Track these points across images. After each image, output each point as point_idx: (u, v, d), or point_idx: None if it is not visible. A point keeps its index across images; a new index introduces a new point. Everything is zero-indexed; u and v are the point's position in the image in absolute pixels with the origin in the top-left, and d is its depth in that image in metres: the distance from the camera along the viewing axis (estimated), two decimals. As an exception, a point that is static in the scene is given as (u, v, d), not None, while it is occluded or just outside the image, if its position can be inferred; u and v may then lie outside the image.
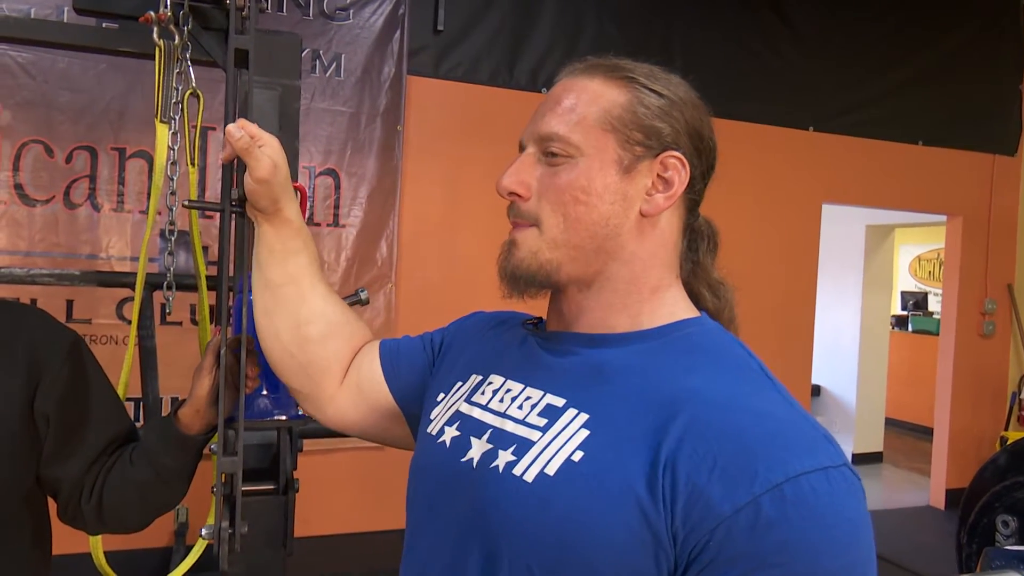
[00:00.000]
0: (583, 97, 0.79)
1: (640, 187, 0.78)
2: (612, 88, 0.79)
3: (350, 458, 3.41)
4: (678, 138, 0.79)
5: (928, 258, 8.74)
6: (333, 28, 3.42)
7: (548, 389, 0.79)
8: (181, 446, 1.09)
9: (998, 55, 4.90)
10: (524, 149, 0.82)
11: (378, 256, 3.55)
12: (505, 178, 0.81)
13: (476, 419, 0.82)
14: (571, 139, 0.77)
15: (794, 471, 0.63)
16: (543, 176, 0.79)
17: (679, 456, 0.66)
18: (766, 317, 4.23)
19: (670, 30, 4.05)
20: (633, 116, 0.77)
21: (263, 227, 0.96)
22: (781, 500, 0.62)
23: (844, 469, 0.66)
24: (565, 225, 0.77)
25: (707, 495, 0.64)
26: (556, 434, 0.74)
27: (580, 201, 0.77)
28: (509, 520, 0.72)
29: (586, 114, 0.78)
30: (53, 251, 3.10)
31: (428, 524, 0.82)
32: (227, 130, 0.91)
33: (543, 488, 0.71)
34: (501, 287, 0.82)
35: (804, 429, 0.68)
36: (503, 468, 0.74)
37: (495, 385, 0.85)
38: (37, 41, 1.67)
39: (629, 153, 0.77)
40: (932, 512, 4.98)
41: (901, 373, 7.15)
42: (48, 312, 1.16)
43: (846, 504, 0.64)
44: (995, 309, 5.01)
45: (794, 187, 4.39)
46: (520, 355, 0.87)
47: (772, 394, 0.72)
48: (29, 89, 3.03)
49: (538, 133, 0.80)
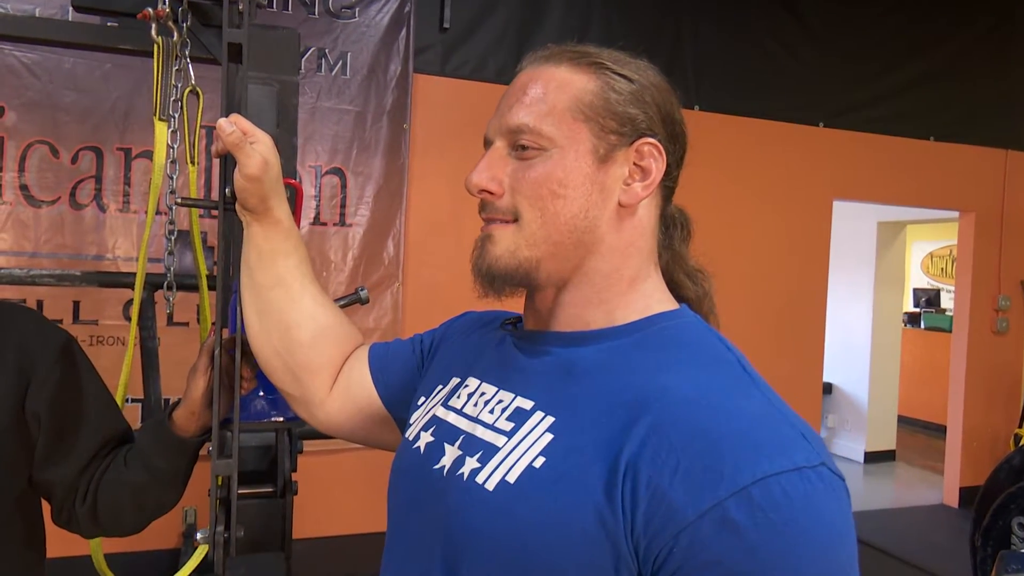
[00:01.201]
0: (551, 85, 0.75)
1: (617, 176, 0.75)
2: (580, 75, 0.75)
3: (353, 459, 3.40)
4: (652, 124, 0.75)
5: (940, 254, 8.67)
6: (339, 26, 3.41)
7: (519, 392, 0.76)
8: (175, 448, 1.07)
9: (1010, 50, 4.86)
10: (490, 144, 0.78)
11: (385, 255, 3.53)
12: (475, 175, 0.77)
13: (450, 424, 0.81)
14: (543, 130, 0.74)
15: (763, 472, 0.59)
16: (515, 170, 0.75)
17: (641, 459, 0.62)
18: (777, 315, 4.20)
19: (679, 26, 4.02)
20: (605, 103, 0.74)
21: (252, 228, 0.95)
22: (748, 504, 0.58)
23: (822, 469, 0.61)
24: (543, 220, 0.74)
25: (669, 499, 0.60)
26: (521, 439, 0.71)
27: (558, 195, 0.73)
28: (469, 530, 0.70)
29: (556, 103, 0.74)
30: (59, 252, 3.10)
31: (403, 531, 0.81)
32: (219, 124, 0.90)
33: (503, 497, 0.68)
34: (475, 286, 0.79)
35: (778, 427, 0.64)
36: (467, 476, 0.73)
37: (471, 388, 0.83)
38: (35, 39, 1.66)
39: (604, 142, 0.74)
40: (945, 510, 4.94)
41: (914, 371, 7.10)
42: (40, 313, 1.15)
43: (824, 506, 0.60)
44: (1008, 306, 4.96)
45: (805, 183, 4.36)
46: (496, 357, 0.84)
47: (749, 389, 0.68)
48: (34, 89, 3.03)
49: (507, 126, 0.76)
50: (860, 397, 6.25)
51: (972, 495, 4.83)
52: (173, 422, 1.07)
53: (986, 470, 4.88)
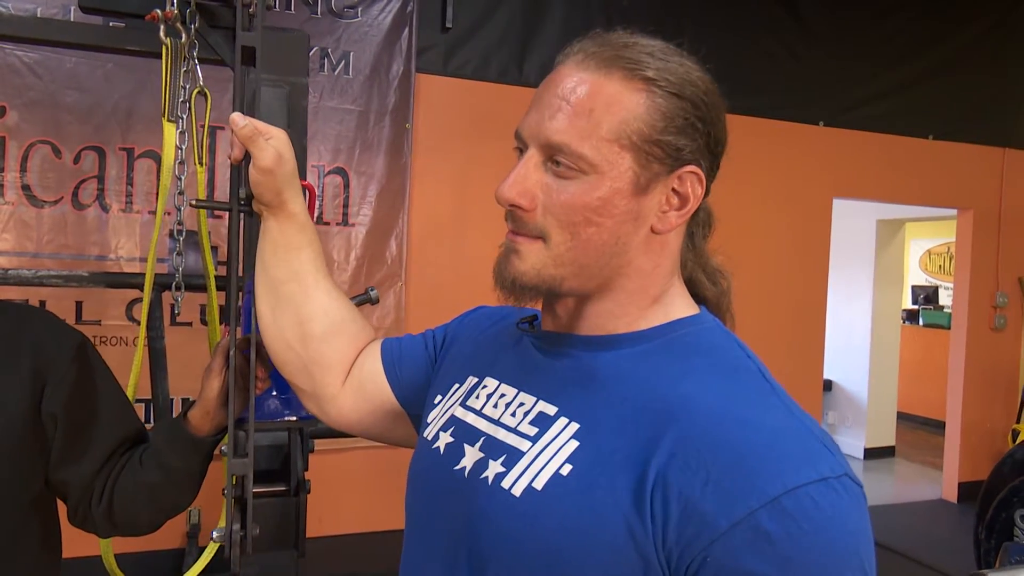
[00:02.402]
0: (598, 101, 0.70)
1: (654, 204, 0.72)
2: (630, 93, 0.70)
3: (361, 457, 3.41)
4: (698, 153, 0.72)
5: (938, 252, 8.68)
6: (341, 26, 3.41)
7: (540, 395, 0.77)
8: (191, 448, 1.08)
9: (1008, 49, 4.89)
10: (524, 145, 0.74)
11: (388, 255, 3.54)
12: (505, 188, 0.73)
13: (470, 425, 0.81)
14: (583, 154, 0.69)
15: (792, 483, 0.61)
16: (549, 187, 0.72)
17: (670, 470, 0.64)
18: (778, 313, 4.21)
19: (681, 25, 4.03)
20: (652, 131, 0.70)
21: (268, 221, 0.95)
22: (781, 514, 0.60)
23: (845, 479, 0.63)
24: (573, 243, 0.71)
25: (701, 510, 0.61)
26: (546, 445, 0.72)
27: (592, 222, 0.71)
28: (496, 534, 0.70)
29: (600, 123, 0.69)
30: (61, 252, 3.09)
31: (423, 531, 0.82)
32: (231, 118, 0.90)
33: (530, 503, 0.69)
34: (497, 292, 0.77)
35: (802, 438, 0.65)
36: (492, 480, 0.73)
37: (489, 389, 0.83)
38: (43, 40, 1.66)
39: (647, 172, 0.71)
40: (945, 505, 4.96)
41: (912, 367, 7.12)
42: (54, 314, 1.15)
43: (848, 515, 0.62)
44: (1006, 303, 4.99)
45: (805, 182, 4.38)
46: (515, 357, 0.84)
47: (770, 399, 0.69)
48: (36, 89, 3.03)
49: (547, 139, 0.71)
50: (860, 394, 6.27)
51: (971, 490, 4.86)
52: (188, 422, 1.08)
53: (984, 465, 4.92)
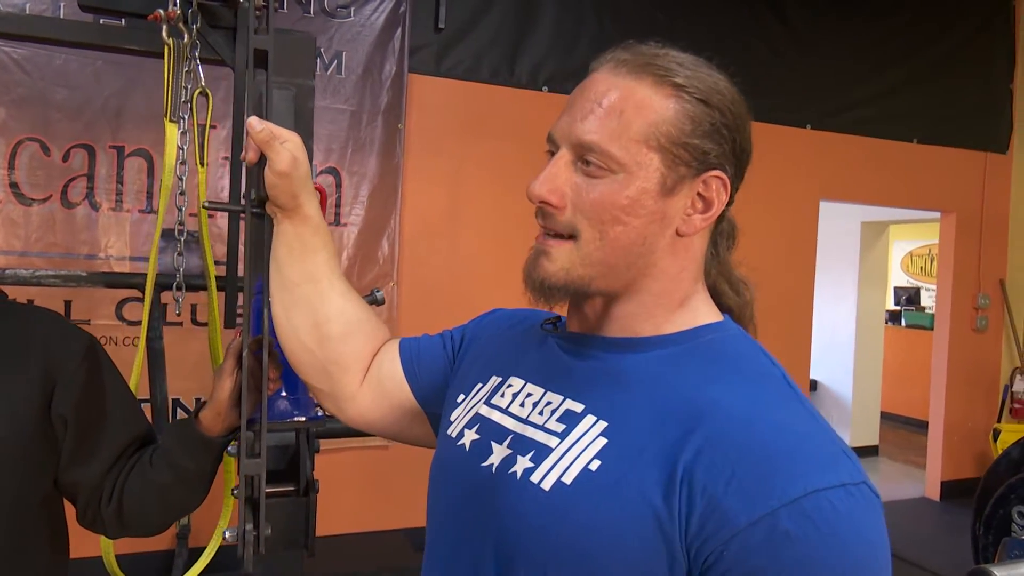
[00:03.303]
0: (628, 104, 0.73)
1: (680, 207, 0.75)
2: (660, 98, 0.73)
3: (357, 457, 3.41)
4: (723, 158, 0.75)
5: (920, 254, 8.79)
6: (334, 26, 3.41)
7: (567, 394, 0.78)
8: (202, 448, 1.08)
9: (991, 55, 4.96)
10: (556, 147, 0.76)
11: (380, 255, 3.54)
12: (537, 185, 0.75)
13: (496, 423, 0.82)
14: (613, 153, 0.72)
15: (813, 486, 0.62)
16: (579, 186, 0.74)
17: (696, 468, 0.65)
18: (765, 313, 4.17)
19: (671, 28, 4.05)
20: (680, 133, 0.72)
21: (282, 224, 0.95)
22: (800, 515, 0.61)
23: (863, 487, 0.65)
24: (602, 243, 0.74)
25: (723, 507, 0.63)
26: (574, 441, 0.73)
27: (620, 221, 0.73)
28: (526, 527, 0.71)
29: (630, 124, 0.72)
30: (50, 251, 3.07)
31: (449, 527, 0.82)
32: (248, 123, 0.90)
33: (560, 497, 0.70)
34: (527, 294, 0.78)
35: (824, 444, 0.67)
36: (521, 475, 0.74)
37: (515, 388, 0.84)
38: (43, 38, 1.65)
39: (673, 173, 0.73)
40: (927, 503, 5.03)
41: (895, 368, 7.20)
42: (61, 315, 1.15)
43: (866, 522, 0.63)
44: (987, 304, 5.05)
45: (792, 184, 4.41)
46: (540, 357, 0.86)
47: (794, 404, 0.70)
48: (25, 86, 3.00)
49: (578, 138, 0.74)
50: (844, 394, 6.33)
51: (953, 489, 4.93)
52: (199, 423, 1.08)
53: (967, 464, 5.00)
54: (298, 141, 0.94)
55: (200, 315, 3.14)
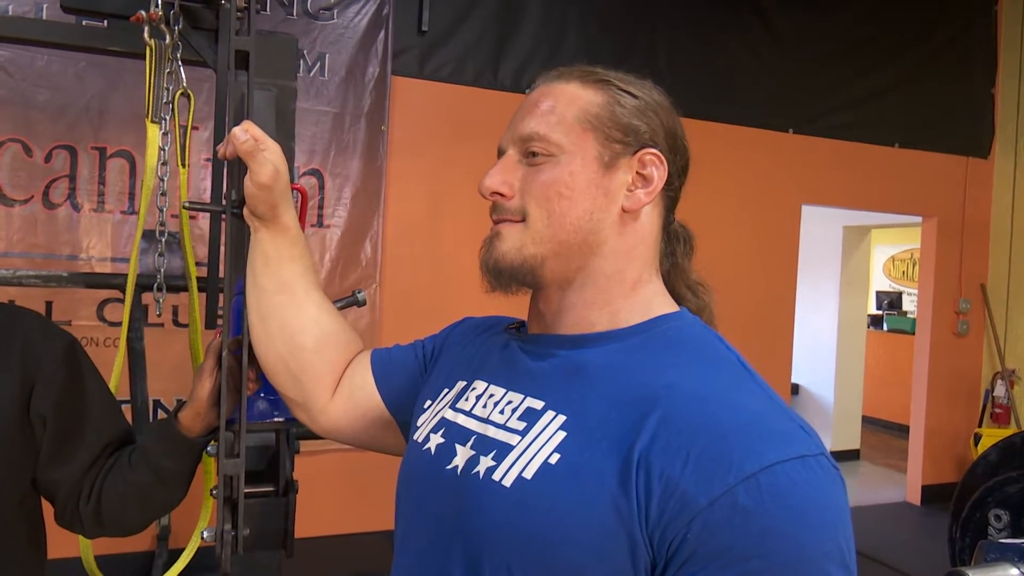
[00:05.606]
0: (561, 99, 0.81)
1: (620, 183, 0.80)
2: (588, 90, 0.81)
3: (336, 460, 3.40)
4: (655, 136, 0.81)
5: (901, 258, 8.87)
6: (317, 28, 3.41)
7: (528, 392, 0.79)
8: (182, 448, 1.08)
9: (972, 60, 5.01)
10: (503, 153, 0.84)
11: (363, 256, 3.54)
12: (487, 179, 0.82)
13: (460, 426, 0.83)
14: (552, 138, 0.79)
15: (768, 460, 0.63)
16: (526, 175, 0.81)
17: (652, 451, 0.66)
18: (747, 318, 4.27)
19: (654, 32, 4.09)
20: (611, 114, 0.79)
21: (260, 233, 0.96)
22: (757, 489, 0.62)
23: (821, 458, 0.66)
24: (550, 220, 0.78)
25: (682, 488, 0.64)
26: (534, 437, 0.74)
27: (564, 196, 0.78)
28: (490, 525, 0.72)
29: (565, 114, 0.80)
30: (32, 252, 3.06)
31: (415, 531, 0.83)
32: (233, 132, 0.91)
33: (521, 492, 0.71)
34: (483, 280, 0.83)
35: (780, 420, 0.68)
36: (483, 474, 0.75)
37: (478, 391, 0.85)
38: (26, 40, 1.65)
39: (609, 150, 0.79)
40: (908, 508, 5.06)
41: (877, 372, 7.25)
42: (43, 315, 1.15)
43: (825, 491, 0.64)
44: (969, 308, 5.10)
45: (774, 189, 4.44)
46: (502, 359, 0.87)
47: (750, 386, 0.72)
48: (6, 87, 2.99)
49: (519, 134, 0.82)
50: (826, 398, 6.37)
51: (934, 493, 4.97)
52: (179, 422, 1.08)
53: (948, 468, 5.04)
54: (278, 150, 0.94)
55: (182, 316, 3.13)
